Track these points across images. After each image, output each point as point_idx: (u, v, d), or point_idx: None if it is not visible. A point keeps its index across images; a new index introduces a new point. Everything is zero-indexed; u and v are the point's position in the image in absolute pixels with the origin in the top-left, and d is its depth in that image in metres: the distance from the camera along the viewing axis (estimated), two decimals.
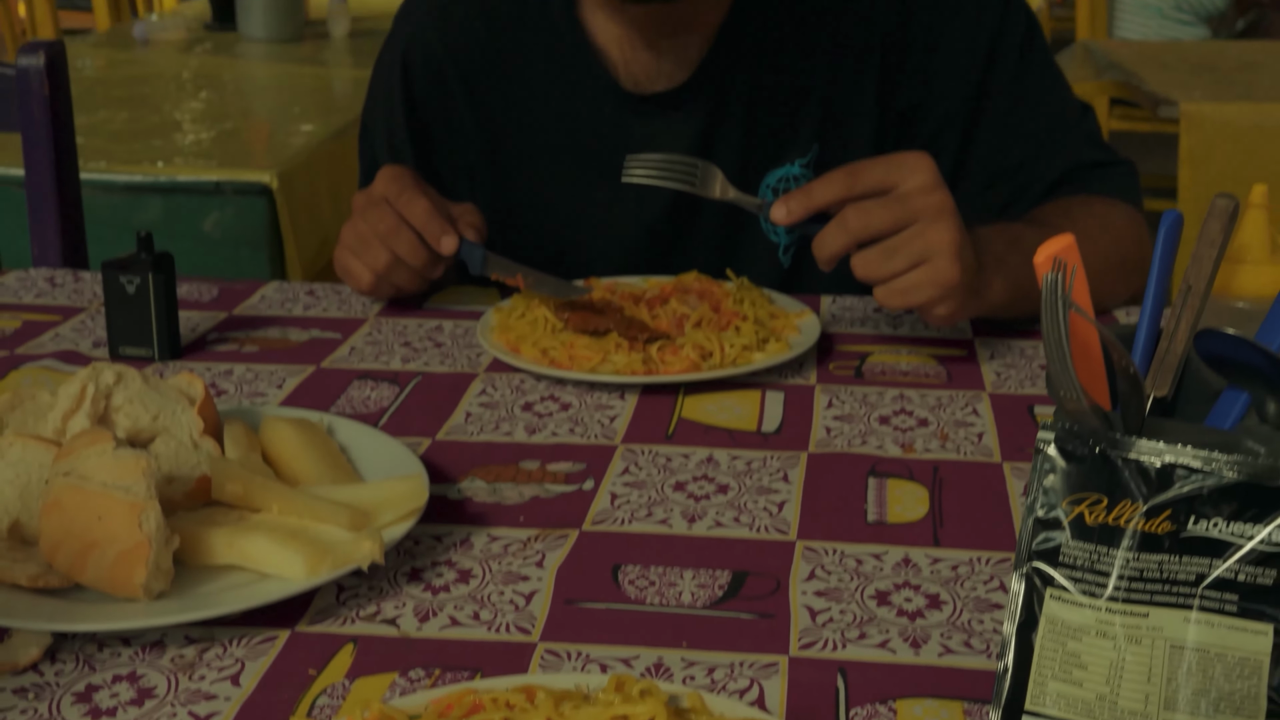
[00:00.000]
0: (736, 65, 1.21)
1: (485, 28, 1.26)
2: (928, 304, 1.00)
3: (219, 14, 3.27)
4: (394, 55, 1.29)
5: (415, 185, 1.12)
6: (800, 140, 1.23)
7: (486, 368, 1.06)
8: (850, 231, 0.98)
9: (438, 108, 1.28)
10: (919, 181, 0.99)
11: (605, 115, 1.23)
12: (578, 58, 1.23)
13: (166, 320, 1.06)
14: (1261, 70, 2.92)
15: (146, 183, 2.03)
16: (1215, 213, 0.68)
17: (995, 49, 1.21)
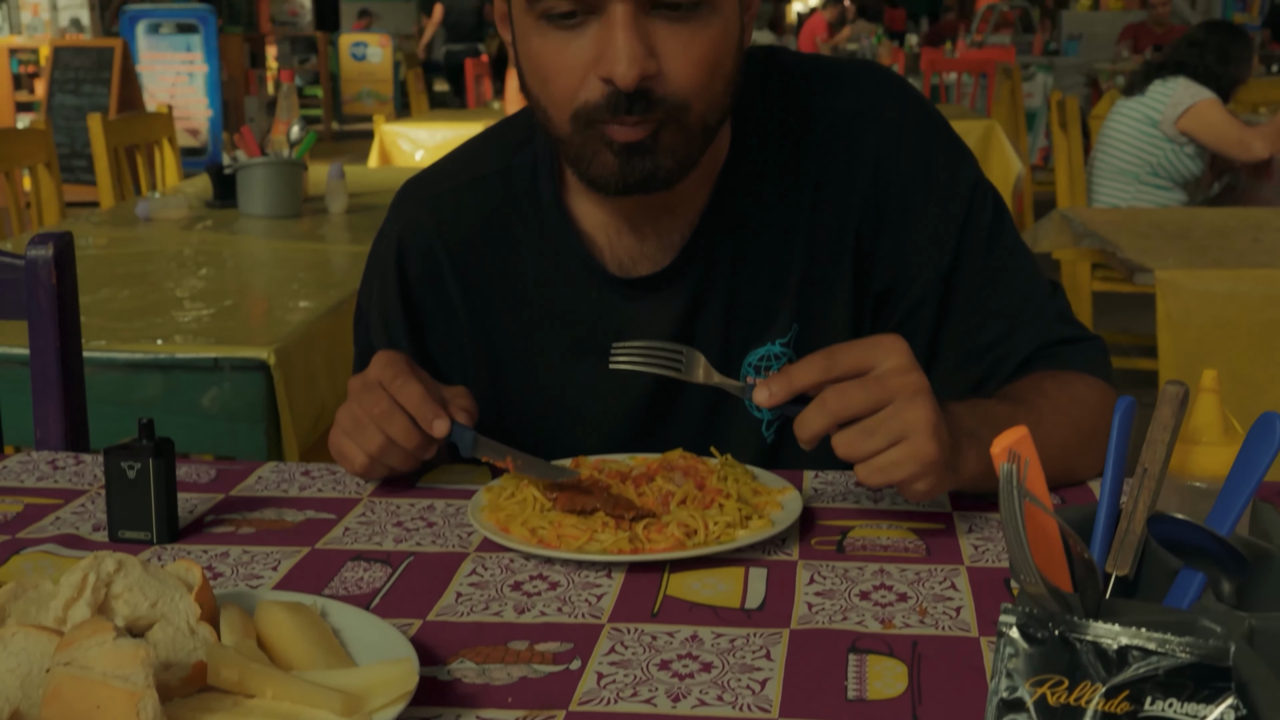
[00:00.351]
0: (718, 249, 1.26)
1: (477, 216, 1.31)
2: (907, 480, 1.03)
3: (220, 191, 3.36)
4: (389, 243, 1.34)
5: (409, 370, 1.17)
6: (780, 320, 1.28)
7: (477, 547, 1.09)
8: (830, 413, 1.02)
9: (431, 293, 1.33)
10: (894, 363, 1.03)
11: (592, 298, 1.28)
12: (566, 243, 1.28)
13: (165, 504, 1.09)
14: (1234, 236, 3.00)
15: (146, 360, 2.08)
16: (1166, 399, 0.72)
17: (965, 232, 1.26)
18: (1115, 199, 4.68)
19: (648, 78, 1.08)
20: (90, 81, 8.64)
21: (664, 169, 1.14)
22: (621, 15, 1.07)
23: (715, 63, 1.12)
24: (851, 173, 1.25)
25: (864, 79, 1.29)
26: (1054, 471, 1.17)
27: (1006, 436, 0.63)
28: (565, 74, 1.11)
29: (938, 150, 1.27)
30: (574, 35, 1.10)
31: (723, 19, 1.12)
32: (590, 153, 1.14)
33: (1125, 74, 7.34)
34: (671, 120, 1.12)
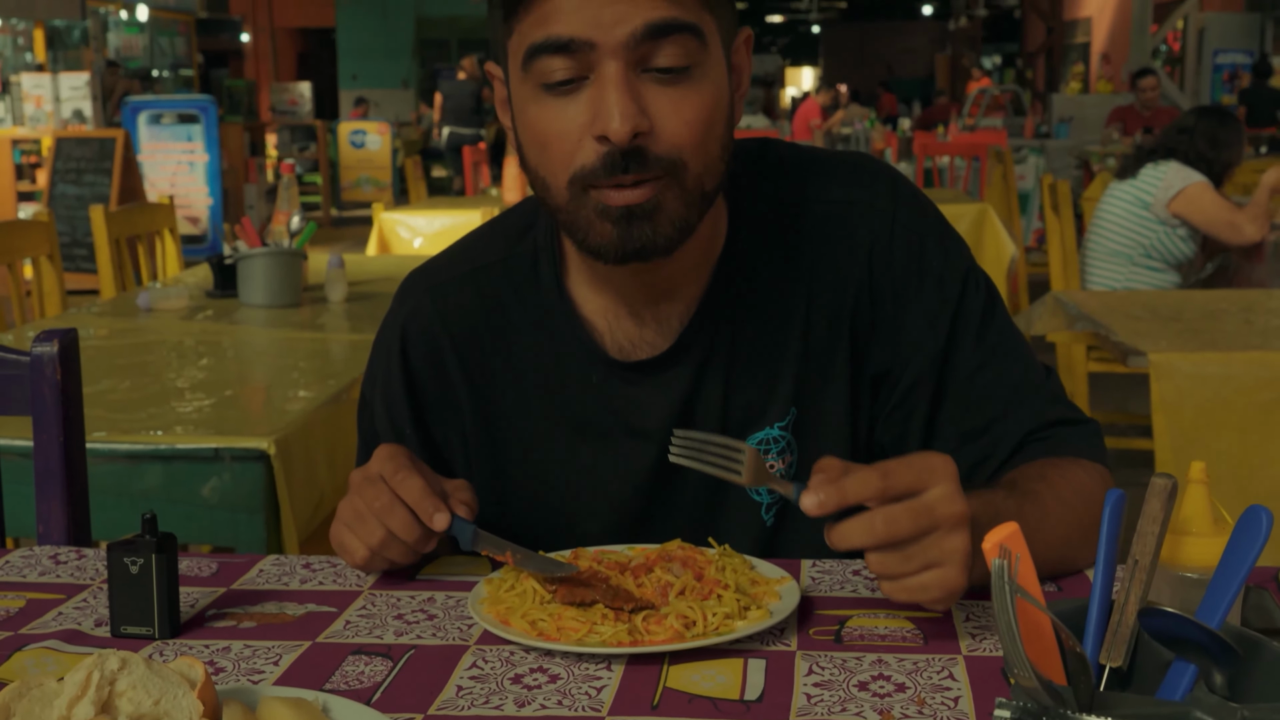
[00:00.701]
0: (716, 334, 1.29)
1: (479, 305, 1.34)
2: (931, 602, 1.05)
3: (220, 281, 3.38)
4: (393, 332, 1.37)
5: (410, 464, 1.18)
6: (778, 405, 1.30)
7: (477, 639, 1.09)
8: (876, 537, 1.03)
9: (434, 381, 1.35)
10: (943, 490, 1.04)
11: (593, 382, 1.31)
12: (566, 328, 1.31)
13: (168, 599, 1.10)
14: (1226, 318, 3.03)
15: (147, 450, 2.09)
16: (1155, 491, 0.74)
17: (959, 317, 1.28)
18: (1109, 280, 4.72)
19: (640, 135, 1.12)
20: (92, 171, 8.73)
21: (663, 234, 1.16)
22: (613, 74, 1.11)
23: (707, 123, 1.15)
24: (846, 261, 1.28)
25: (856, 170, 1.32)
26: (1054, 562, 1.19)
27: (997, 532, 0.64)
28: (562, 139, 1.15)
29: (930, 238, 1.30)
30: (570, 101, 1.14)
31: (713, 84, 1.16)
32: (588, 221, 1.17)
33: (1116, 156, 7.43)
34: (669, 178, 1.15)
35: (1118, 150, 8.44)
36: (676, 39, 1.12)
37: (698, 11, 1.14)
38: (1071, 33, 20.90)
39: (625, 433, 1.31)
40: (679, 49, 1.12)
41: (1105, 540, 0.73)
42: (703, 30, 1.14)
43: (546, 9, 1.12)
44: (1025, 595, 0.62)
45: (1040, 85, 20.60)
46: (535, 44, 1.13)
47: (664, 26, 1.11)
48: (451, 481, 1.23)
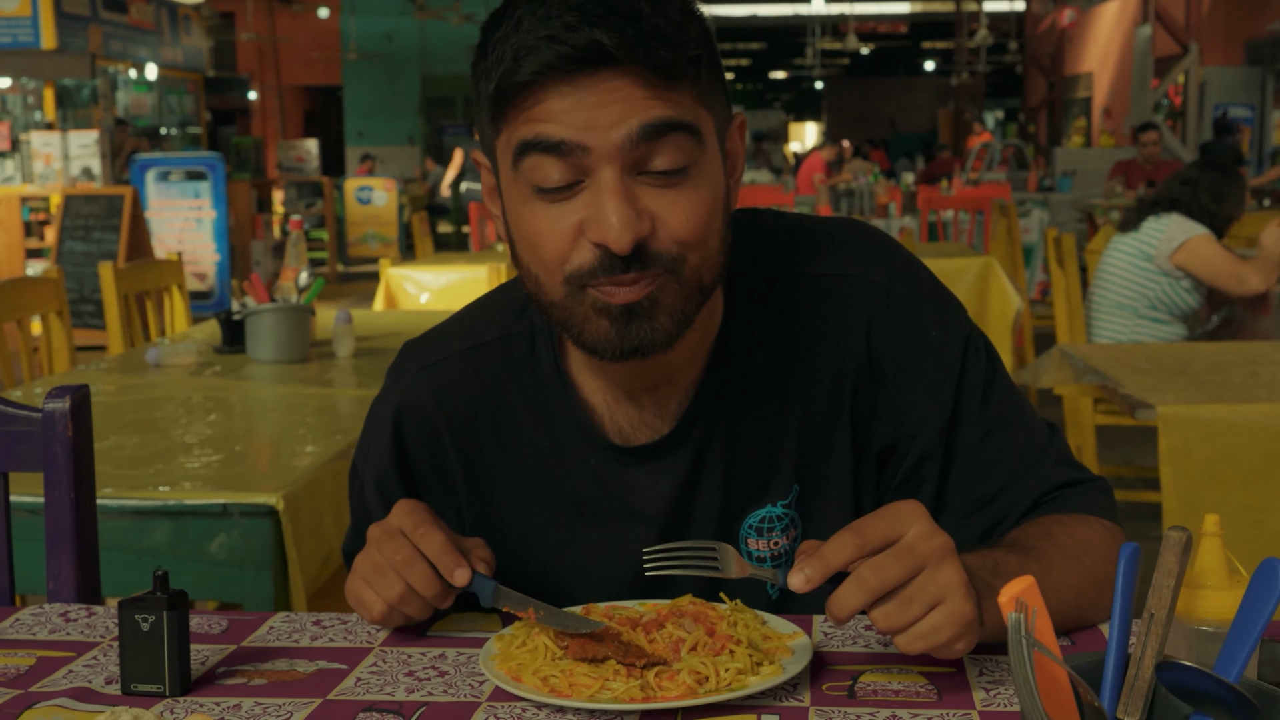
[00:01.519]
0: (716, 415, 1.27)
1: (476, 385, 1.32)
2: (948, 642, 1.05)
3: (228, 337, 3.40)
4: (386, 411, 1.35)
5: (430, 518, 1.19)
6: (780, 483, 1.29)
7: (489, 696, 1.09)
8: (868, 589, 1.04)
9: (428, 462, 1.33)
10: (920, 529, 1.05)
11: (591, 466, 1.29)
12: (565, 411, 1.29)
13: (179, 656, 1.09)
14: (1232, 370, 3.03)
15: (155, 507, 2.09)
16: (1170, 545, 0.74)
17: (962, 386, 1.27)
18: (1114, 333, 4.72)
19: (642, 239, 1.10)
20: (100, 228, 8.79)
21: (661, 331, 1.15)
22: (610, 181, 1.09)
23: (706, 218, 1.14)
24: (843, 336, 1.26)
25: (849, 241, 1.30)
26: (1066, 617, 1.18)
27: (1014, 586, 0.64)
28: (557, 239, 1.13)
29: (926, 307, 1.28)
30: (564, 205, 1.12)
31: (709, 182, 1.15)
32: (584, 317, 1.15)
33: (1119, 209, 7.45)
34: (667, 275, 1.13)
35: (1121, 203, 8.47)
36: (673, 139, 1.10)
37: (693, 109, 1.12)
38: (1073, 87, 21.05)
39: (625, 516, 1.29)
40: (675, 150, 1.10)
41: (1121, 594, 0.73)
42: (699, 128, 1.12)
43: (537, 111, 1.10)
44: (1042, 649, 0.62)
45: (1043, 139, 20.73)
46: (526, 141, 1.10)
47: (660, 127, 1.09)
48: (470, 539, 1.23)
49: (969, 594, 1.03)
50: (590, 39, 1.07)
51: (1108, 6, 19.18)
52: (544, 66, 1.08)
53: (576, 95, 1.09)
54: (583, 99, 1.09)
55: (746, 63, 37.20)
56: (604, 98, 1.09)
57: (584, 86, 1.09)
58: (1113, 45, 19.25)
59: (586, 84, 1.09)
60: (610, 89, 1.09)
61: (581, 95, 1.09)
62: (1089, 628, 1.21)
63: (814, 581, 1.05)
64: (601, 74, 1.09)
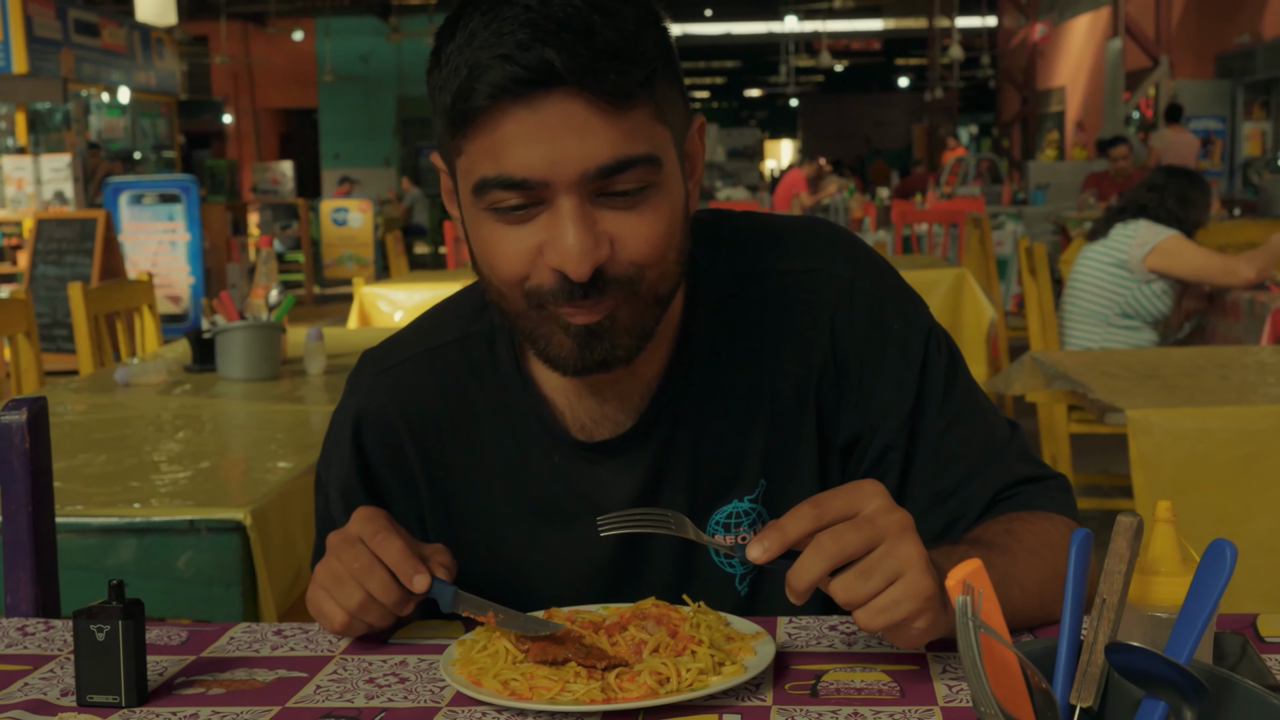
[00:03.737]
0: (680, 410, 1.27)
1: (435, 388, 1.31)
2: (908, 619, 1.04)
3: (199, 355, 3.38)
4: (346, 418, 1.34)
5: (389, 525, 1.18)
6: (746, 478, 1.29)
7: (450, 701, 1.08)
8: (827, 556, 1.03)
9: (390, 467, 1.33)
10: (879, 503, 1.06)
11: (555, 464, 1.29)
12: (527, 409, 1.29)
13: (135, 667, 1.08)
14: (1202, 375, 3.04)
15: (121, 524, 2.07)
16: (1121, 530, 0.73)
17: (924, 378, 1.28)
18: (1087, 341, 4.74)
19: (600, 264, 1.10)
20: (72, 252, 8.74)
21: (622, 347, 1.16)
22: (569, 209, 1.09)
23: (665, 237, 1.14)
24: (808, 330, 1.27)
25: (811, 237, 1.31)
26: (1029, 613, 1.18)
27: (960, 569, 0.63)
28: (515, 259, 1.13)
29: (889, 302, 1.28)
30: (523, 227, 1.12)
31: (668, 196, 1.14)
32: (546, 333, 1.16)
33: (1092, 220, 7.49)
34: (626, 295, 1.13)
35: (1094, 215, 8.52)
36: (631, 173, 1.10)
37: (650, 132, 1.11)
38: (1046, 102, 21.17)
39: (590, 515, 1.26)
40: (635, 176, 1.10)
41: (1073, 580, 0.73)
42: (657, 156, 1.11)
43: (495, 139, 1.09)
44: (990, 631, 0.62)
45: (1016, 153, 20.83)
46: (486, 179, 1.10)
47: (618, 166, 1.09)
48: (430, 545, 1.22)
49: (929, 569, 1.03)
50: (541, 59, 1.06)
51: (1079, 21, 19.32)
52: (497, 89, 1.07)
53: (534, 119, 1.08)
54: (540, 125, 1.08)
55: (721, 81, 37.32)
56: (561, 125, 1.07)
57: (539, 109, 1.08)
58: (1084, 59, 19.37)
59: (541, 105, 1.08)
60: (566, 114, 1.08)
61: (538, 119, 1.08)
62: (1051, 623, 1.20)
63: (771, 552, 1.04)
64: (555, 95, 1.07)
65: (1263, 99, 15.14)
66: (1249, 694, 0.72)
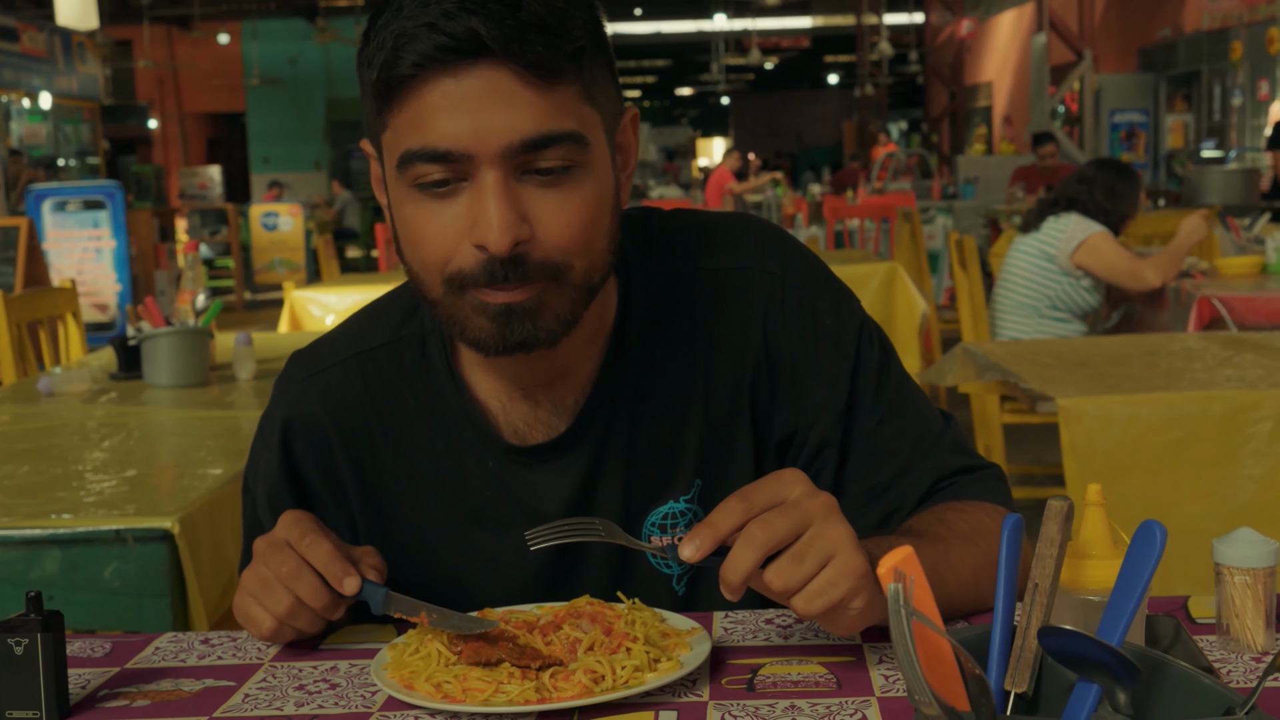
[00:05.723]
0: (614, 411, 1.26)
1: (365, 392, 1.29)
2: (845, 598, 1.03)
3: (124, 363, 3.31)
4: (273, 424, 1.31)
5: (317, 528, 1.16)
6: (681, 478, 1.28)
7: (381, 706, 1.06)
8: (758, 544, 1.03)
9: (320, 473, 1.30)
10: (802, 489, 1.06)
11: (489, 468, 1.27)
12: (459, 413, 1.27)
13: (55, 680, 1.05)
14: (1132, 362, 3.08)
15: (45, 536, 2.02)
16: (1051, 514, 0.73)
17: (857, 373, 1.27)
18: (1017, 332, 4.79)
19: (521, 243, 1.09)
20: None
21: (545, 329, 1.14)
22: (492, 183, 1.08)
23: (590, 222, 1.13)
24: (740, 328, 1.26)
25: (741, 234, 1.30)
26: (964, 601, 1.18)
27: (891, 557, 0.63)
28: (438, 241, 1.12)
29: (821, 298, 1.28)
30: (446, 203, 1.11)
31: (595, 179, 1.13)
32: (465, 316, 1.14)
33: (1021, 213, 7.57)
34: (550, 281, 1.12)
35: (1022, 208, 8.61)
36: (555, 149, 1.09)
37: (577, 111, 1.11)
38: (973, 97, 21.39)
39: (525, 519, 1.24)
40: (560, 153, 1.09)
41: (1005, 565, 0.73)
42: (584, 135, 1.11)
43: (421, 110, 1.08)
44: (921, 618, 0.61)
45: (946, 148, 21.04)
46: (411, 150, 1.09)
47: (540, 141, 1.08)
48: (360, 547, 1.20)
49: (859, 548, 1.03)
50: (467, 28, 1.05)
51: (1004, 16, 19.54)
52: (423, 57, 1.07)
53: (459, 90, 1.07)
54: (465, 95, 1.07)
55: (652, 80, 37.34)
56: (487, 97, 1.07)
57: (464, 79, 1.07)
58: (1010, 54, 19.60)
59: (467, 76, 1.07)
60: (491, 85, 1.07)
61: (464, 90, 1.07)
62: (986, 610, 1.20)
63: (704, 550, 1.04)
64: (481, 65, 1.07)
65: (1184, 92, 15.40)
66: (1181, 674, 0.72)
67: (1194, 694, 0.71)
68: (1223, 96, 14.29)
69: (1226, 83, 14.09)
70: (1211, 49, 14.28)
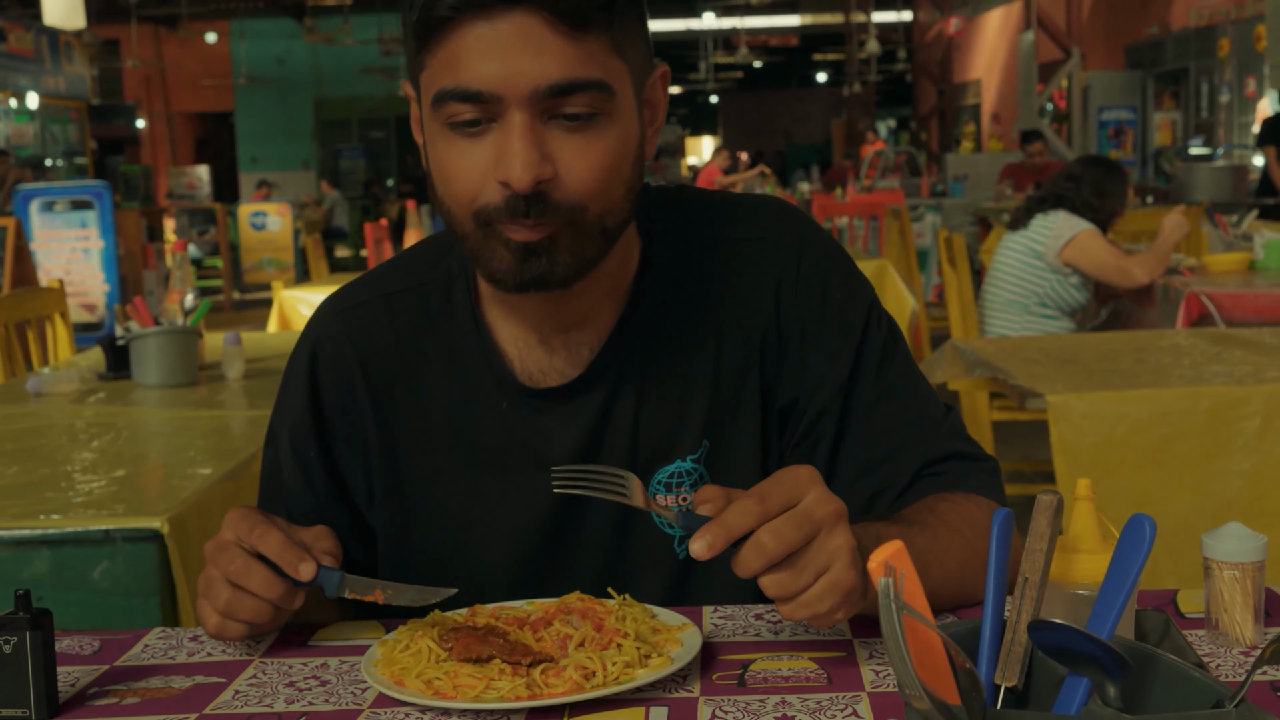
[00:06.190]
0: (627, 365, 1.29)
1: (391, 331, 1.34)
2: (829, 611, 1.05)
3: (113, 363, 3.30)
4: (304, 351, 1.36)
5: (265, 520, 1.16)
6: (689, 438, 1.30)
7: (372, 703, 1.06)
8: (768, 555, 1.03)
9: (341, 406, 1.34)
10: (816, 493, 1.06)
11: (502, 409, 1.30)
12: (478, 353, 1.31)
13: (44, 678, 1.05)
14: (1120, 359, 3.08)
15: (33, 536, 2.02)
16: (1041, 508, 0.73)
17: (862, 348, 1.30)
18: (1006, 329, 4.80)
19: (543, 182, 1.13)
20: None
21: (560, 267, 1.18)
22: (519, 123, 1.12)
23: (612, 169, 1.17)
24: (754, 295, 1.30)
25: (765, 210, 1.35)
26: (950, 592, 1.19)
27: (882, 551, 0.63)
28: (467, 177, 1.16)
29: (835, 274, 1.32)
30: (476, 142, 1.15)
31: (620, 130, 1.17)
32: (488, 250, 1.18)
33: (1009, 211, 7.59)
34: (567, 222, 1.16)
35: (1011, 205, 8.63)
36: (581, 96, 1.13)
37: (605, 61, 1.15)
38: (962, 95, 21.42)
39: (531, 464, 1.29)
40: (586, 100, 1.13)
41: (995, 559, 0.73)
42: (610, 85, 1.15)
43: (456, 50, 1.13)
44: (912, 612, 0.61)
45: (934, 146, 21.06)
46: (444, 90, 1.14)
47: (568, 87, 1.12)
48: (310, 530, 1.20)
49: (854, 562, 1.04)
50: None
51: (992, 14, 19.56)
52: (461, 2, 1.11)
53: (492, 34, 1.11)
54: (498, 39, 1.12)
55: None
56: (518, 42, 1.11)
57: (498, 23, 1.11)
58: (998, 52, 19.63)
59: (501, 20, 1.11)
60: (523, 31, 1.11)
61: (497, 34, 1.11)
62: (974, 605, 1.21)
63: (716, 549, 1.03)
64: (515, 11, 1.11)
65: (1172, 89, 15.44)
66: (1171, 668, 0.72)
67: (1184, 687, 0.71)
68: (1210, 94, 14.32)
69: (1214, 80, 14.13)
70: (1199, 46, 14.31)
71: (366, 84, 22.71)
